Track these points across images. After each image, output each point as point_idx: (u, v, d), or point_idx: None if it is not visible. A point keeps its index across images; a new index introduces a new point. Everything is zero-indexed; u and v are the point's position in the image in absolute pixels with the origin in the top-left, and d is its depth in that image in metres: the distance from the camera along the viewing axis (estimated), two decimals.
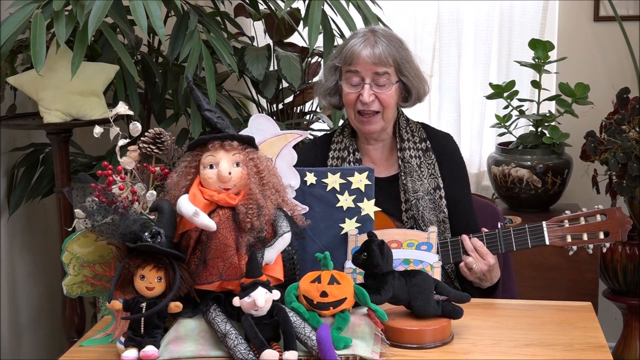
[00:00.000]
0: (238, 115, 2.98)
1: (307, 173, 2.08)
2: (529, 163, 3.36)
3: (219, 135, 1.85)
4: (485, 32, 3.64)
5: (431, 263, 2.07)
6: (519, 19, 3.64)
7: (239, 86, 3.49)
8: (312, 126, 3.46)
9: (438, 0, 3.64)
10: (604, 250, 2.22)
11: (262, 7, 3.15)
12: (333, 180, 2.08)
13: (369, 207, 2.08)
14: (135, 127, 1.97)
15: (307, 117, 3.44)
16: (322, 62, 3.04)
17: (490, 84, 3.46)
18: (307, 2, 2.89)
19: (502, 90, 3.41)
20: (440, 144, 2.39)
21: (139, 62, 3.08)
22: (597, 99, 3.42)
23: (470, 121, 3.72)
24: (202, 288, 1.82)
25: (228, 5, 3.33)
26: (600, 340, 1.89)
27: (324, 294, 1.80)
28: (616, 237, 2.16)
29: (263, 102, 3.34)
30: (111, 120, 2.00)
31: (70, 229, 2.21)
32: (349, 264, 2.04)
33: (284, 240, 1.85)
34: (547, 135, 3.36)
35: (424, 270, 1.99)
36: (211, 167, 1.83)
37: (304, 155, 2.35)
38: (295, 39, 3.36)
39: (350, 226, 2.07)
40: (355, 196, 2.07)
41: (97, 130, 1.98)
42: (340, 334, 1.78)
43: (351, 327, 1.82)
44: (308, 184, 2.08)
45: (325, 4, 2.85)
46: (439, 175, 2.35)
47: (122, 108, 2.00)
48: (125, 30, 2.83)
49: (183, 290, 1.80)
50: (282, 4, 2.85)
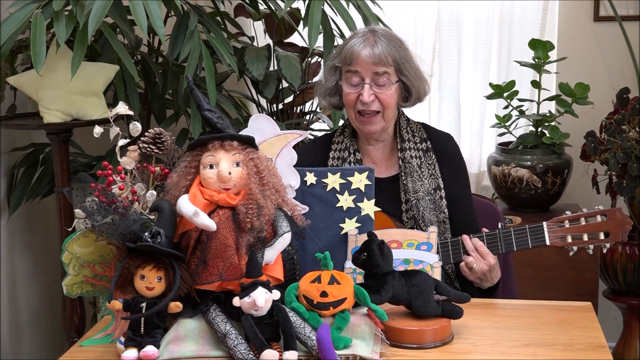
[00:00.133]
0: (238, 115, 2.98)
1: (307, 173, 2.08)
2: (529, 163, 3.35)
3: (219, 135, 1.85)
4: (485, 32, 3.64)
5: (431, 263, 2.07)
6: (519, 19, 3.64)
7: (239, 86, 3.49)
8: (312, 126, 3.45)
9: (438, 0, 3.64)
10: (604, 251, 2.22)
11: (262, 7, 3.15)
12: (333, 180, 2.08)
13: (369, 207, 2.07)
14: (135, 127, 1.97)
15: (307, 117, 3.44)
16: (322, 62, 3.03)
17: (490, 84, 3.46)
18: (307, 2, 2.89)
19: (502, 90, 3.41)
20: (441, 144, 2.39)
21: (139, 62, 3.07)
22: (597, 99, 3.41)
23: (470, 121, 3.72)
24: (202, 288, 1.82)
25: (228, 5, 3.33)
26: (600, 340, 1.89)
27: (324, 294, 1.80)
28: (617, 238, 2.16)
29: (263, 102, 3.34)
30: (111, 120, 2.00)
31: (70, 229, 2.21)
32: (349, 264, 2.04)
33: (284, 240, 1.85)
34: (547, 135, 3.35)
35: (424, 270, 1.99)
36: (211, 167, 1.83)
37: (304, 155, 2.35)
38: (295, 39, 3.36)
39: (350, 226, 2.07)
40: (355, 196, 2.07)
41: (97, 130, 1.98)
42: (340, 334, 1.78)
43: (351, 327, 1.82)
44: (308, 184, 2.08)
45: (325, 4, 2.84)
46: (440, 176, 2.35)
47: (122, 108, 2.00)
48: (125, 30, 2.83)
49: (183, 290, 1.80)
50: (282, 4, 2.85)
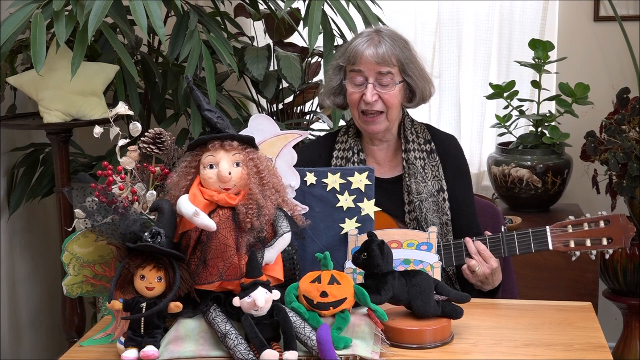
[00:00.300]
0: (238, 115, 2.98)
1: (307, 173, 2.08)
2: (529, 163, 3.35)
3: (219, 135, 1.85)
4: (485, 32, 3.64)
5: (431, 263, 2.07)
6: (519, 19, 3.64)
7: (239, 86, 3.49)
8: (312, 126, 3.45)
9: (438, 0, 3.64)
10: (606, 256, 2.21)
11: (262, 7, 3.15)
12: (333, 180, 2.08)
13: (369, 207, 2.07)
14: (135, 127, 1.97)
15: (307, 117, 3.44)
16: (322, 62, 3.03)
17: (490, 84, 3.46)
18: (307, 2, 2.89)
19: (502, 90, 3.41)
20: (445, 145, 2.38)
21: (139, 62, 3.07)
22: (597, 99, 3.41)
23: (470, 121, 3.72)
24: (202, 288, 1.82)
25: (228, 5, 3.32)
26: (600, 340, 1.89)
27: (324, 294, 1.80)
28: (619, 244, 2.15)
29: (263, 102, 3.34)
30: (111, 120, 2.00)
31: (70, 229, 2.21)
32: (349, 264, 2.04)
33: (284, 240, 1.85)
34: (547, 135, 3.35)
35: (424, 270, 1.99)
36: (211, 167, 1.83)
37: (308, 154, 2.35)
38: (295, 39, 3.36)
39: (350, 226, 2.07)
40: (355, 196, 2.07)
41: (97, 130, 1.98)
42: (340, 334, 1.78)
43: (351, 327, 1.82)
44: (308, 184, 2.08)
45: (325, 4, 2.84)
46: (443, 178, 2.34)
47: (122, 108, 2.00)
48: (125, 30, 2.83)
49: (183, 290, 1.80)
50: (282, 4, 2.85)
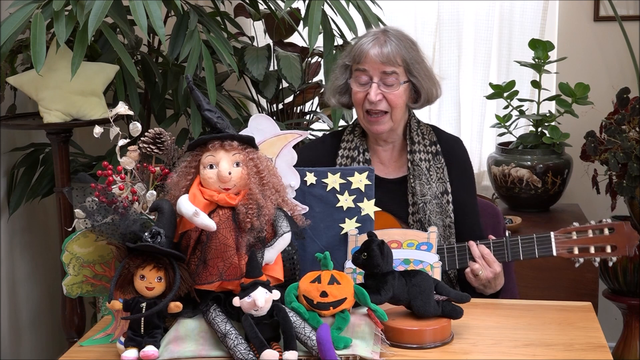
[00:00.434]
0: (238, 115, 2.98)
1: (307, 173, 2.08)
2: (529, 163, 3.35)
3: (219, 135, 1.85)
4: (485, 32, 3.64)
5: (431, 263, 2.07)
6: (519, 18, 3.64)
7: (239, 86, 3.49)
8: (312, 126, 3.45)
9: (438, 0, 3.64)
10: (610, 264, 2.20)
11: (262, 7, 3.15)
12: (333, 180, 2.08)
13: (369, 207, 2.07)
14: (135, 127, 1.97)
15: (307, 117, 3.44)
16: (322, 62, 3.03)
17: (490, 84, 3.46)
18: (307, 2, 2.89)
19: (502, 90, 3.41)
20: (450, 147, 2.38)
21: (139, 62, 3.07)
22: (597, 99, 3.41)
23: (470, 121, 3.72)
24: (202, 288, 1.82)
25: (228, 5, 3.32)
26: (600, 340, 1.89)
27: (324, 294, 1.80)
28: (623, 252, 2.15)
29: (263, 102, 3.34)
30: (111, 120, 2.00)
31: (70, 229, 2.21)
32: (349, 264, 2.04)
33: (284, 240, 1.85)
34: (547, 135, 3.35)
35: (424, 270, 1.99)
36: (211, 167, 1.83)
37: (313, 152, 2.35)
38: (295, 39, 3.36)
39: (350, 226, 2.07)
40: (355, 196, 2.07)
41: (97, 130, 1.98)
42: (340, 334, 1.78)
43: (351, 327, 1.82)
44: (308, 184, 2.08)
45: (325, 4, 2.84)
46: (447, 180, 2.34)
47: (122, 108, 2.00)
48: (125, 30, 2.83)
49: (183, 290, 1.80)
50: (282, 4, 2.85)
